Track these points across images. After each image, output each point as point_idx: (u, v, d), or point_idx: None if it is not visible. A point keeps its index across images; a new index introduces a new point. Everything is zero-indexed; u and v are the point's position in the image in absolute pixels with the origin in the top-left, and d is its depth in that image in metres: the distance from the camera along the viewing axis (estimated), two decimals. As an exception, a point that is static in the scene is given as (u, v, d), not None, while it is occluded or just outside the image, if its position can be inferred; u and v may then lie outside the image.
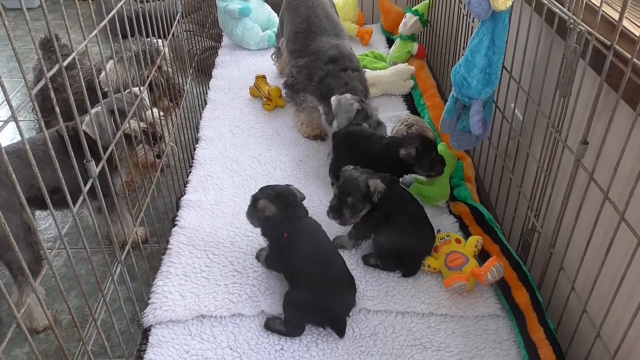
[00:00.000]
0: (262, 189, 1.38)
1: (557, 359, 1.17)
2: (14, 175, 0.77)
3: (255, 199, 1.36)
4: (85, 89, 1.03)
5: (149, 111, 1.61)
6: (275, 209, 1.32)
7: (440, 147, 1.80)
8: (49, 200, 0.87)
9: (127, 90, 1.54)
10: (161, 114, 1.66)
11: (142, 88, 1.48)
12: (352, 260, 1.48)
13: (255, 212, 1.36)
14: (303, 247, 1.32)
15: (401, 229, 1.44)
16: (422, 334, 1.29)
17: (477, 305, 1.35)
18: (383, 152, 1.61)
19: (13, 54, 0.76)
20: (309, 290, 1.27)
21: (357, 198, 1.39)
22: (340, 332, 1.27)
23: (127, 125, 1.45)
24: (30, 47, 3.41)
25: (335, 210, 1.43)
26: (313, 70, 1.93)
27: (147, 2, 2.04)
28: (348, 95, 1.78)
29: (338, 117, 1.77)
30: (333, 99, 1.79)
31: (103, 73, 1.68)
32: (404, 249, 1.42)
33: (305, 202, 1.40)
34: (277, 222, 1.34)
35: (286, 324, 1.29)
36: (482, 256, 1.45)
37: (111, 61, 1.69)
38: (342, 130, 1.72)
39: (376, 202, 1.40)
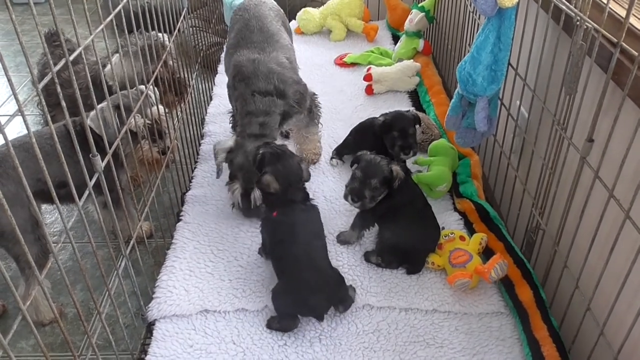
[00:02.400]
0: (272, 155, 1.36)
1: (561, 356, 1.17)
2: (20, 169, 0.78)
3: (262, 161, 1.36)
4: (90, 85, 1.04)
5: (155, 107, 1.62)
6: (278, 187, 1.31)
7: (441, 141, 1.81)
8: (54, 194, 0.87)
9: (134, 88, 1.54)
10: (166, 110, 1.67)
11: (148, 85, 1.48)
12: (355, 257, 1.48)
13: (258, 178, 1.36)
14: (289, 230, 1.30)
15: (407, 224, 1.44)
16: (426, 331, 1.29)
17: (481, 303, 1.35)
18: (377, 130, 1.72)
19: (20, 49, 0.77)
20: (289, 279, 1.28)
21: (380, 181, 1.38)
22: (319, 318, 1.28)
23: (132, 121, 1.46)
24: (37, 42, 3.42)
25: (357, 193, 1.40)
26: (230, 91, 1.69)
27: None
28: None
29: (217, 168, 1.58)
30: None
31: (108, 66, 1.68)
32: (407, 245, 1.42)
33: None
34: (273, 199, 1.33)
35: (279, 320, 1.28)
36: (487, 253, 1.45)
37: (116, 55, 1.70)
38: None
39: (393, 190, 1.40)
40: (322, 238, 1.35)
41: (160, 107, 1.67)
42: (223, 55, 2.13)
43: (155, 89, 1.69)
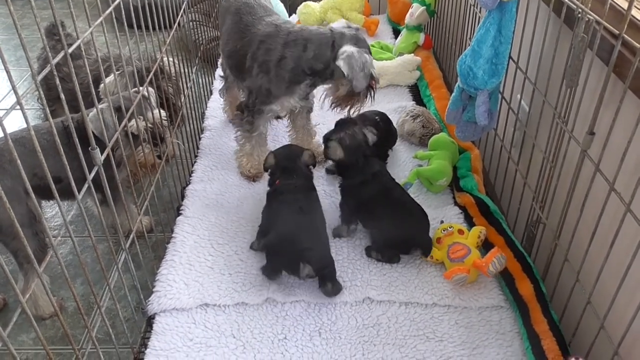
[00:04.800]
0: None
1: (561, 350, 1.17)
2: (19, 161, 0.77)
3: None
4: (91, 81, 1.03)
5: (155, 111, 1.61)
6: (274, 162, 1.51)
7: (441, 135, 1.80)
8: (53, 187, 0.87)
9: (133, 90, 1.54)
10: (164, 114, 1.65)
11: (149, 89, 1.47)
12: (356, 250, 1.48)
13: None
14: (282, 204, 1.44)
15: (390, 217, 1.45)
16: (425, 325, 1.29)
17: (481, 297, 1.35)
18: None
19: (20, 43, 0.76)
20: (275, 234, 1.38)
21: (356, 134, 1.53)
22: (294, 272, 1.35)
23: (130, 123, 1.46)
24: (37, 36, 3.42)
25: (327, 136, 1.57)
26: (265, 60, 1.61)
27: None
28: (352, 50, 1.52)
29: (354, 80, 1.53)
30: (341, 62, 1.52)
31: (102, 85, 1.68)
32: (399, 237, 1.43)
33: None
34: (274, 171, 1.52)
35: (265, 268, 1.38)
36: (487, 247, 1.44)
37: (111, 76, 1.67)
38: None
39: (362, 180, 1.48)
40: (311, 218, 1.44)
41: (161, 111, 1.66)
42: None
43: (153, 90, 1.68)
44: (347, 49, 1.53)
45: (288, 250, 1.32)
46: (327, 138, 1.56)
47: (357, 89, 1.56)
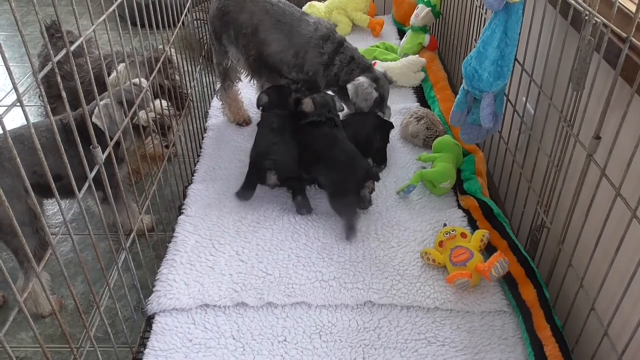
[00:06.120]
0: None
1: (564, 356, 1.15)
2: (18, 159, 0.77)
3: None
4: (93, 79, 1.03)
5: (157, 101, 1.61)
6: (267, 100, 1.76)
7: (445, 137, 1.79)
8: (53, 185, 0.86)
9: (133, 82, 1.53)
10: (168, 104, 1.66)
11: (146, 81, 1.47)
12: (357, 253, 1.47)
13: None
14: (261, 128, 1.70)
15: (330, 166, 1.59)
16: (427, 329, 1.28)
17: (483, 301, 1.33)
18: None
19: (22, 40, 0.76)
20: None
21: (326, 96, 1.76)
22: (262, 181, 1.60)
23: (137, 116, 1.46)
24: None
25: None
26: (315, 61, 1.79)
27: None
28: (364, 81, 1.74)
29: (357, 104, 1.76)
30: (350, 87, 1.74)
31: (113, 74, 1.68)
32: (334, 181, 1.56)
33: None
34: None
35: (238, 192, 1.64)
36: (490, 251, 1.43)
37: (122, 64, 1.69)
38: None
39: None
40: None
41: (163, 101, 1.66)
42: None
43: (146, 81, 1.69)
44: (362, 79, 1.74)
45: (259, 160, 1.59)
46: (299, 97, 1.75)
47: (359, 109, 1.80)
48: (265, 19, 1.79)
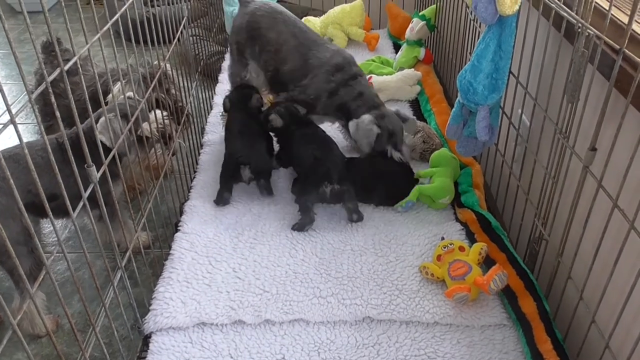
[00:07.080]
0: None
1: (565, 370, 1.14)
2: (11, 180, 0.76)
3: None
4: (87, 97, 1.03)
5: (157, 112, 1.62)
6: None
7: (442, 150, 1.79)
8: (47, 206, 0.86)
9: (127, 95, 1.54)
10: (165, 113, 1.68)
11: (136, 95, 1.48)
12: (355, 268, 1.46)
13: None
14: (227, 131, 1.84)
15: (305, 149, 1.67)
16: (427, 344, 1.26)
17: (483, 315, 1.32)
18: None
19: (25, 57, 0.76)
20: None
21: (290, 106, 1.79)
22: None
23: (140, 127, 1.47)
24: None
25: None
26: (320, 85, 1.79)
27: (154, 6, 2.04)
28: (365, 117, 1.70)
29: (358, 143, 1.75)
30: (351, 124, 1.73)
31: (116, 87, 1.69)
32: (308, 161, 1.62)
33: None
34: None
35: (216, 198, 1.71)
36: (489, 264, 1.42)
37: (118, 84, 1.69)
38: None
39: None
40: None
41: (159, 111, 1.67)
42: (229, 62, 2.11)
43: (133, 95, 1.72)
44: (365, 117, 1.71)
45: (232, 161, 1.68)
46: (267, 114, 1.79)
47: (358, 149, 1.81)
48: (290, 40, 1.83)
